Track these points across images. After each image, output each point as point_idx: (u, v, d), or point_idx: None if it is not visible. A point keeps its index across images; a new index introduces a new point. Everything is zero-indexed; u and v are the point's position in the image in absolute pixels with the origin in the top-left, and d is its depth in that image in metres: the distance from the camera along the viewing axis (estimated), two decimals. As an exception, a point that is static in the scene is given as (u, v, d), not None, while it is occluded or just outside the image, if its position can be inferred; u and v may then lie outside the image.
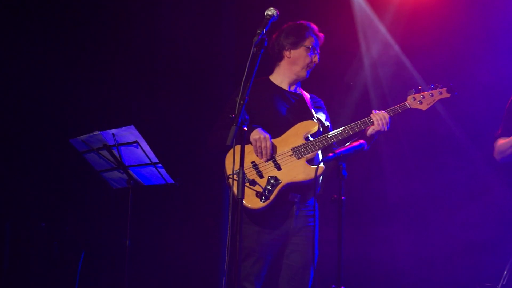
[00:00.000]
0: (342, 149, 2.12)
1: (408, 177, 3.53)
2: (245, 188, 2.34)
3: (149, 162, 2.67)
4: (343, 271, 2.09)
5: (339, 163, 2.12)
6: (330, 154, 2.11)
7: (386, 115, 2.30)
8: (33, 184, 3.35)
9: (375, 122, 2.28)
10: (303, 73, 2.45)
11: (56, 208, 3.39)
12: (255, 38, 2.00)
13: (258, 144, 2.28)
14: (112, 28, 3.78)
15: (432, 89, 2.35)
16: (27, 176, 3.35)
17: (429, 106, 2.37)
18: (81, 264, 3.09)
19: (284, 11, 2.17)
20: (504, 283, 3.09)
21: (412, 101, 2.34)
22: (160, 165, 2.68)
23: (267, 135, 2.32)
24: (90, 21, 3.77)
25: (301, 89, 2.55)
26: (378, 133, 2.34)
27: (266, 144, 2.28)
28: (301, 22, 2.43)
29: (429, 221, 3.37)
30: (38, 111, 3.43)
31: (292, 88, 2.48)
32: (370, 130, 2.32)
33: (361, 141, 2.22)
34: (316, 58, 2.45)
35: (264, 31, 2.00)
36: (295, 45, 2.43)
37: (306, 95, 2.56)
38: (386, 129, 2.33)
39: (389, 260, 3.51)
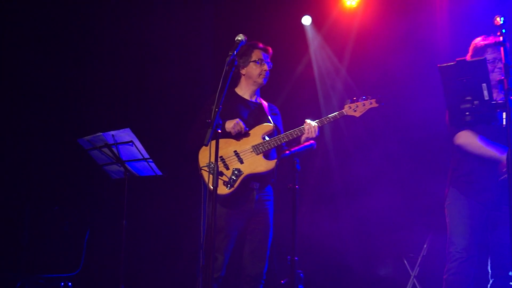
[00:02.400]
0: (296, 147, 2.58)
1: (349, 168, 4.07)
2: (217, 175, 2.59)
3: (142, 157, 3.02)
4: (297, 245, 2.46)
5: (294, 159, 2.55)
6: (287, 152, 2.59)
7: (316, 126, 2.74)
8: (48, 176, 3.77)
9: (305, 131, 2.73)
10: (260, 81, 2.88)
11: (67, 195, 3.82)
12: (227, 59, 2.37)
13: (235, 128, 2.70)
14: (109, 44, 4.13)
15: (364, 100, 2.78)
16: (44, 169, 3.76)
17: (361, 113, 2.80)
18: (86, 239, 3.50)
19: (251, 37, 2.59)
20: (424, 254, 3.70)
21: (348, 109, 2.79)
22: (150, 160, 3.03)
23: (237, 119, 2.73)
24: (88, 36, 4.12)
25: (260, 98, 2.98)
26: (308, 139, 2.76)
27: (240, 125, 2.71)
28: (248, 43, 2.63)
29: (365, 204, 3.89)
30: (53, 115, 3.85)
31: (253, 98, 2.92)
32: (303, 137, 2.75)
33: (312, 141, 2.66)
34: (265, 67, 2.87)
35: (235, 53, 2.38)
36: (245, 63, 2.87)
37: (265, 103, 2.98)
38: (314, 136, 2.76)
39: (335, 234, 3.99)
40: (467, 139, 2.58)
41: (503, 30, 2.35)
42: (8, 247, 3.62)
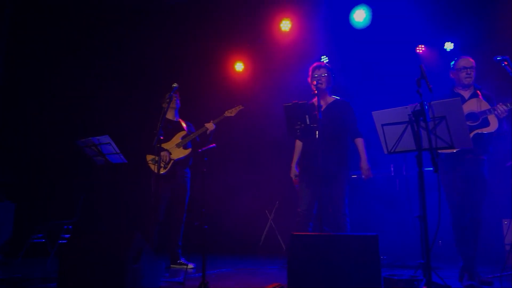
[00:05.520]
0: (204, 148, 4.00)
1: (245, 164, 5.97)
2: (156, 164, 4.58)
3: (115, 152, 4.44)
4: (207, 215, 3.28)
5: (203, 154, 3.84)
6: (199, 150, 4.36)
7: (211, 124, 4.56)
8: (65, 164, 5.58)
9: (208, 127, 4.55)
10: (174, 106, 4.74)
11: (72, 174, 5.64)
12: (168, 97, 4.17)
13: (164, 159, 4.50)
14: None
15: (234, 107, 4.67)
16: (59, 160, 5.62)
17: (233, 114, 4.63)
18: (81, 202, 5.26)
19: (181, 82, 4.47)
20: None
21: (228, 113, 4.64)
22: (121, 154, 4.45)
23: (166, 152, 4.49)
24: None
25: (180, 119, 4.81)
26: (212, 132, 4.51)
27: (166, 158, 4.50)
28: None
29: (254, 193, 5.81)
30: (67, 124, 5.78)
31: (175, 119, 4.77)
32: (207, 132, 4.51)
33: (213, 144, 4.31)
34: (175, 99, 4.68)
35: (171, 94, 4.13)
36: (165, 100, 4.53)
37: (183, 122, 4.79)
38: (213, 128, 4.50)
39: (234, 213, 5.97)
40: (297, 144, 4.40)
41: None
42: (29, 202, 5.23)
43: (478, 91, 3.54)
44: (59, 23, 6.03)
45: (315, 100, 4.12)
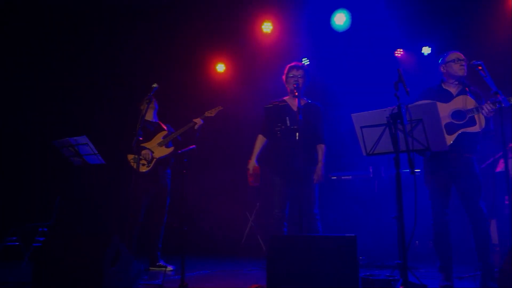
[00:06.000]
0: (184, 149, 4.02)
1: (225, 165, 6.02)
2: (140, 162, 4.52)
3: (93, 152, 4.46)
4: (187, 216, 3.81)
5: (183, 155, 3.91)
6: (179, 151, 4.43)
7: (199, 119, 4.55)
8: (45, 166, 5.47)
9: (197, 123, 4.54)
10: (154, 107, 4.73)
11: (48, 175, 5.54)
12: (148, 98, 4.12)
13: (146, 156, 4.47)
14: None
15: (214, 108, 4.64)
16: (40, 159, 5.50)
17: (213, 114, 4.65)
18: (57, 204, 5.16)
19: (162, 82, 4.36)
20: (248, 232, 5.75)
21: (208, 114, 4.62)
22: (98, 154, 4.47)
23: (148, 150, 4.45)
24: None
25: (159, 121, 4.81)
26: (200, 127, 4.51)
27: (149, 155, 4.47)
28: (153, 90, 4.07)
29: (235, 195, 5.87)
30: (47, 125, 5.65)
31: (154, 119, 4.74)
32: (195, 126, 4.51)
33: (193, 145, 4.27)
34: (153, 102, 4.69)
35: (151, 94, 4.11)
36: (145, 101, 4.40)
37: (162, 124, 4.79)
38: (201, 122, 4.50)
39: (214, 215, 6.09)
40: (259, 140, 4.16)
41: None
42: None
43: (466, 88, 3.41)
44: (34, 22, 5.90)
45: (286, 98, 4.17)
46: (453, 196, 3.42)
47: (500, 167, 4.45)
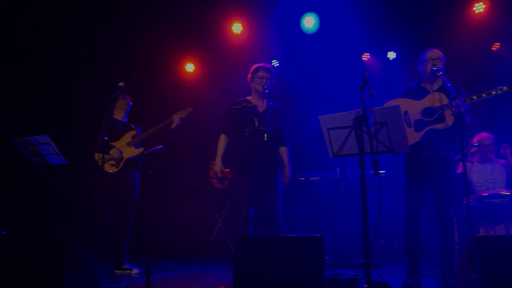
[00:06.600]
0: (151, 149, 3.97)
1: (194, 165, 5.98)
2: (107, 162, 4.41)
3: (55, 152, 4.25)
4: (153, 218, 3.88)
5: (150, 156, 3.89)
6: (145, 151, 4.40)
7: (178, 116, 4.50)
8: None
9: (175, 120, 4.50)
10: (125, 108, 4.67)
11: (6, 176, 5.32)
12: (114, 96, 3.99)
13: (115, 156, 4.41)
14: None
15: (184, 109, 4.61)
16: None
17: (183, 116, 4.59)
18: (16, 206, 4.89)
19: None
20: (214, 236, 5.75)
21: (177, 115, 4.55)
22: (61, 154, 4.25)
23: (117, 149, 4.38)
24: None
25: (126, 118, 4.73)
26: (177, 127, 4.49)
27: (117, 155, 4.40)
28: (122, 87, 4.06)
29: (203, 195, 5.87)
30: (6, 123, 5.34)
31: (123, 119, 4.67)
32: (173, 125, 4.49)
33: (160, 146, 4.28)
34: (128, 102, 4.64)
35: (117, 93, 3.98)
36: (119, 99, 4.55)
37: (131, 124, 4.72)
38: (179, 122, 4.48)
39: (182, 216, 6.06)
40: (222, 140, 4.10)
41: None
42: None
43: (448, 84, 3.36)
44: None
45: (250, 99, 4.19)
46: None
47: (460, 169, 4.63)
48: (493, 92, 3.29)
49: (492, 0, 5.75)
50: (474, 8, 5.83)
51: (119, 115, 4.72)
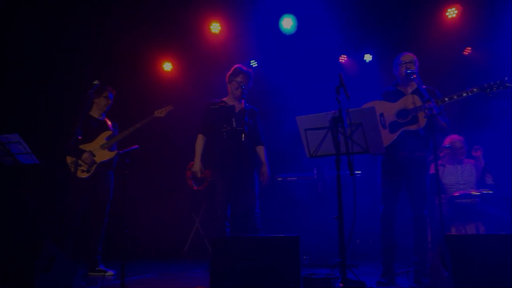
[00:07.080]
0: (126, 149, 3.95)
1: (171, 165, 5.92)
2: (79, 168, 4.31)
3: (26, 152, 4.09)
4: (129, 218, 3.91)
5: (125, 156, 3.92)
6: (120, 151, 4.33)
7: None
8: None
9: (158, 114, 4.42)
10: (105, 108, 4.53)
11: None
12: (88, 95, 3.85)
13: (87, 161, 4.29)
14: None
15: (164, 107, 4.52)
16: None
17: (163, 115, 4.52)
18: None
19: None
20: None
21: (157, 114, 4.49)
22: (32, 154, 4.09)
23: (89, 153, 4.25)
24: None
25: (106, 118, 4.64)
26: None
27: (90, 159, 4.29)
28: (101, 85, 4.03)
29: (180, 196, 5.82)
30: None
31: (100, 117, 4.57)
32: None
33: (136, 146, 4.15)
34: (109, 101, 4.54)
35: (92, 91, 3.89)
36: (98, 97, 4.49)
37: (108, 121, 4.61)
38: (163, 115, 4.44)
39: (159, 217, 5.98)
40: (200, 140, 4.12)
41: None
42: None
43: (424, 86, 3.42)
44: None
45: (227, 99, 4.19)
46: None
47: (432, 170, 4.73)
48: (464, 94, 3.39)
49: (464, 6, 5.92)
50: (447, 13, 6.00)
51: (96, 113, 4.62)
